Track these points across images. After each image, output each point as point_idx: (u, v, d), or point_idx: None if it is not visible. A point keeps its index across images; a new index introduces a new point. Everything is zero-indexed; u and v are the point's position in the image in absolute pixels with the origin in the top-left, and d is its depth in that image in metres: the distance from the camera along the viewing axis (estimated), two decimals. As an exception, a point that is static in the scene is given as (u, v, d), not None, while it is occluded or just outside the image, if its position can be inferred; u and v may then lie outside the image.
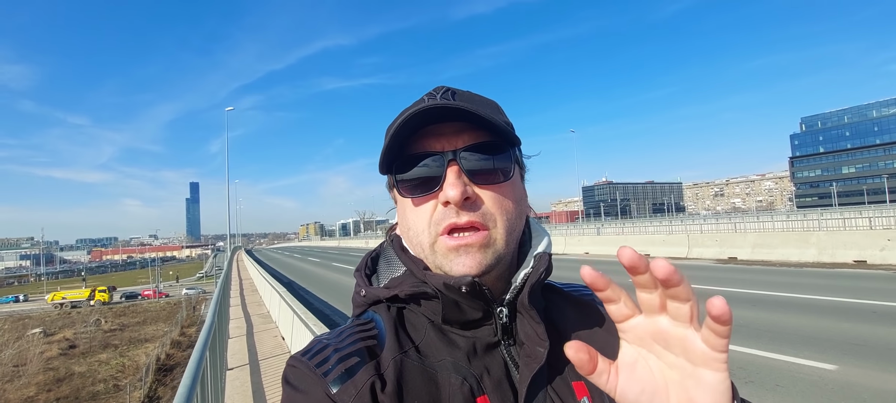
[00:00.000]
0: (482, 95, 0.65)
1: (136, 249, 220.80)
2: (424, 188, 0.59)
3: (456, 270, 0.56)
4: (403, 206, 0.62)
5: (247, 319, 11.23)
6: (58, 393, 23.72)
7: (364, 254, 0.73)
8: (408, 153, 0.60)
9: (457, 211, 0.56)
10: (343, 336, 0.58)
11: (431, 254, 0.58)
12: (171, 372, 22.53)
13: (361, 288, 0.67)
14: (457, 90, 0.61)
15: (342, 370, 0.53)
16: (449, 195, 0.55)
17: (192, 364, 2.70)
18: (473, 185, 0.57)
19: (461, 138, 0.59)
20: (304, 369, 0.54)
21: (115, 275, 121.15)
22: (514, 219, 0.60)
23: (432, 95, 0.60)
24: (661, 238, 19.70)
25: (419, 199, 0.59)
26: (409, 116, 0.56)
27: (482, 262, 0.56)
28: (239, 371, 6.77)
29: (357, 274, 0.70)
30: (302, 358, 0.55)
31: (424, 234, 0.58)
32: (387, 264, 0.68)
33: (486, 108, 0.60)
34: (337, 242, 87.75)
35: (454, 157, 0.57)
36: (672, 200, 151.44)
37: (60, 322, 44.15)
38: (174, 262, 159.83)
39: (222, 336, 7.30)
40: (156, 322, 40.11)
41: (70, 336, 36.14)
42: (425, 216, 0.58)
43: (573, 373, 0.59)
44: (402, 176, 0.60)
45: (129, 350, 30.90)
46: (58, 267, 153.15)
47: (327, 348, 0.56)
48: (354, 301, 0.68)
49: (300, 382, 0.53)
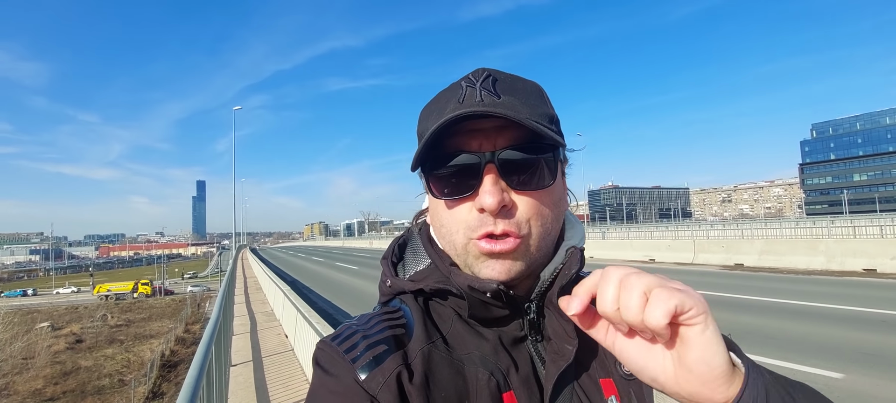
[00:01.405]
0: (525, 79, 0.60)
1: (143, 246, 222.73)
2: (458, 190, 0.55)
3: (485, 274, 0.54)
4: (436, 201, 0.59)
5: (251, 317, 11.29)
6: (64, 387, 23.95)
7: (388, 244, 0.70)
8: (441, 149, 0.55)
9: (493, 220, 0.53)
10: (372, 324, 0.57)
11: (463, 254, 0.56)
12: (175, 369, 22.68)
13: (387, 278, 0.65)
14: (498, 76, 0.57)
15: (370, 357, 0.52)
16: (485, 203, 0.52)
17: (198, 357, 2.72)
18: (511, 191, 0.54)
19: (501, 137, 0.55)
20: (334, 353, 0.54)
21: (121, 271, 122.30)
22: (550, 225, 0.57)
23: (471, 82, 0.56)
24: (667, 243, 19.53)
25: (453, 201, 0.56)
26: (444, 123, 0.52)
27: (512, 270, 0.54)
28: (242, 367, 6.80)
29: (383, 261, 0.68)
30: (331, 343, 0.55)
31: (457, 235, 0.56)
32: (413, 254, 0.66)
33: (530, 100, 0.57)
34: (341, 242, 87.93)
35: (492, 160, 0.54)
36: (679, 205, 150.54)
37: (68, 316, 44.59)
38: (180, 259, 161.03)
39: (227, 332, 7.35)
40: (161, 318, 40.40)
41: (77, 330, 36.51)
42: (459, 218, 0.56)
43: (601, 371, 0.58)
44: (435, 173, 0.56)
45: (134, 346, 31.15)
46: (66, 263, 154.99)
47: (356, 334, 0.55)
48: (380, 289, 0.66)
49: (331, 366, 0.53)
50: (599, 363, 0.59)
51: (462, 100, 0.54)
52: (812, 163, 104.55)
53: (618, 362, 0.58)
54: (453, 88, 0.57)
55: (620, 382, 0.57)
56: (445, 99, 0.57)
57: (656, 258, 18.95)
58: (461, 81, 0.57)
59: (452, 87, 0.58)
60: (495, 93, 0.55)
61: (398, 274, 0.65)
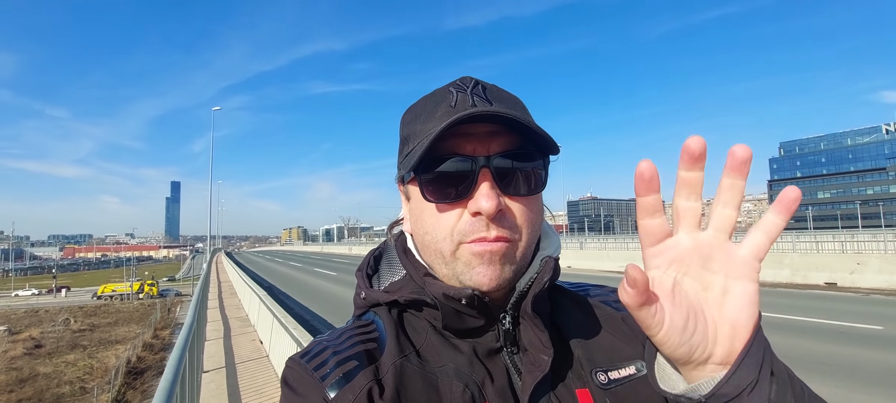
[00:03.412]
0: (508, 92, 0.60)
1: (112, 248, 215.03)
2: (451, 194, 0.53)
3: (475, 280, 0.53)
4: (421, 208, 0.57)
5: (224, 322, 11.04)
6: (20, 395, 22.78)
7: (365, 255, 0.69)
8: (434, 152, 0.53)
9: (487, 224, 0.52)
10: (342, 339, 0.56)
11: (452, 262, 0.54)
12: (142, 376, 21.90)
13: (362, 290, 0.64)
14: (486, 85, 0.57)
15: (340, 374, 0.51)
16: (482, 207, 0.51)
17: (173, 362, 2.69)
18: (505, 197, 0.53)
19: (494, 142, 0.54)
20: (302, 372, 0.52)
21: (87, 274, 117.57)
22: (536, 232, 0.57)
23: (461, 88, 0.56)
24: (641, 255, 20.02)
25: (444, 205, 0.54)
26: (453, 123, 0.50)
27: (501, 276, 0.53)
28: (215, 373, 6.66)
29: (358, 273, 0.66)
30: (300, 360, 0.54)
31: (445, 242, 0.54)
32: (388, 265, 0.65)
33: (517, 109, 0.57)
34: (320, 248, 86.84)
35: (487, 164, 0.53)
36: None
37: (27, 320, 42.52)
38: (151, 262, 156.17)
39: (200, 337, 7.18)
40: (128, 323, 38.92)
41: (36, 335, 34.82)
42: (448, 223, 0.54)
43: (577, 381, 0.58)
44: (426, 177, 0.54)
45: (98, 352, 29.90)
46: (27, 263, 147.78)
47: (326, 350, 0.54)
48: (355, 301, 0.65)
49: (298, 384, 0.52)
50: (575, 373, 0.58)
51: (455, 104, 0.54)
52: (780, 179, 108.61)
53: (594, 371, 0.58)
54: (442, 93, 0.57)
55: (596, 392, 0.57)
56: (434, 102, 0.57)
57: (631, 269, 19.37)
58: (449, 87, 0.57)
59: (441, 92, 0.58)
60: (487, 99, 0.55)
61: (373, 285, 0.64)
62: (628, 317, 0.63)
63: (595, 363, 0.59)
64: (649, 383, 0.44)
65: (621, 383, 0.58)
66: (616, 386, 0.57)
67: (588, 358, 0.59)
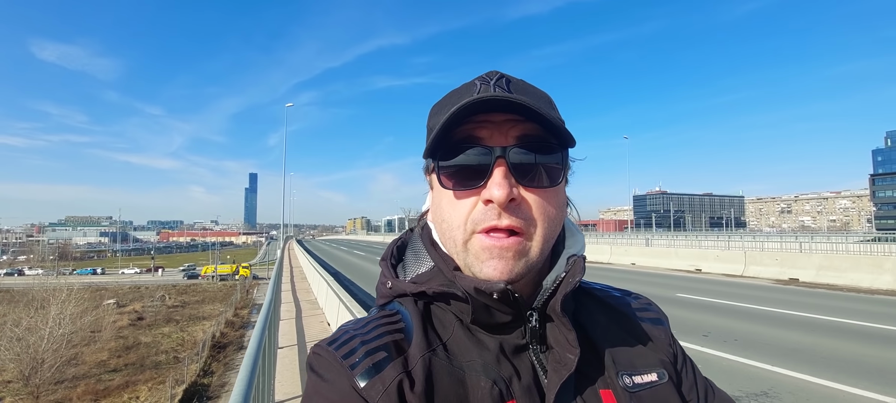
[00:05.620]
0: (535, 86, 0.60)
1: (199, 233, 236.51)
2: (467, 181, 0.55)
3: (485, 273, 0.53)
4: (440, 196, 0.59)
5: (296, 304, 11.88)
6: (126, 359, 26.01)
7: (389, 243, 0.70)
8: (453, 139, 0.55)
9: (498, 213, 0.53)
10: (369, 328, 0.56)
11: (463, 252, 0.56)
12: (224, 350, 24.02)
13: (387, 280, 0.64)
14: (511, 78, 0.58)
15: (369, 364, 0.51)
16: (494, 195, 0.52)
17: (255, 337, 3.02)
18: (520, 187, 0.54)
19: (512, 132, 0.55)
20: (330, 359, 0.53)
21: (179, 256, 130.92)
22: (553, 227, 0.57)
23: (485, 81, 0.57)
24: (715, 253, 18.67)
25: (460, 193, 0.55)
26: (464, 105, 0.52)
27: (513, 270, 0.53)
28: (288, 350, 7.26)
29: (383, 263, 0.67)
30: (328, 348, 0.54)
31: (459, 231, 0.55)
32: (414, 256, 0.65)
33: (541, 102, 0.56)
34: (382, 237, 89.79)
35: (503, 154, 0.54)
36: (732, 214, 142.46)
37: (131, 295, 48.33)
38: (232, 247, 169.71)
39: (275, 318, 7.84)
40: (213, 302, 42.90)
41: (139, 308, 39.51)
42: (463, 211, 0.55)
43: (603, 381, 0.58)
44: (445, 163, 0.56)
45: (188, 326, 33.32)
46: (131, 245, 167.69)
47: (354, 338, 0.55)
48: (379, 291, 0.65)
49: (326, 371, 0.53)
50: (600, 374, 0.58)
51: (477, 94, 0.55)
52: (885, 174, 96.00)
53: (620, 374, 0.58)
54: (467, 86, 0.58)
55: (621, 394, 0.57)
56: (459, 94, 0.58)
57: (703, 268, 18.18)
58: (474, 80, 0.58)
59: (466, 85, 0.58)
60: (509, 91, 0.55)
61: (398, 275, 0.64)
62: (652, 326, 0.67)
63: (620, 365, 0.59)
64: (670, 391, 0.45)
65: (644, 388, 0.58)
66: (640, 391, 0.58)
67: (613, 360, 0.60)
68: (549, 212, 0.55)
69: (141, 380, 22.59)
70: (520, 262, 0.53)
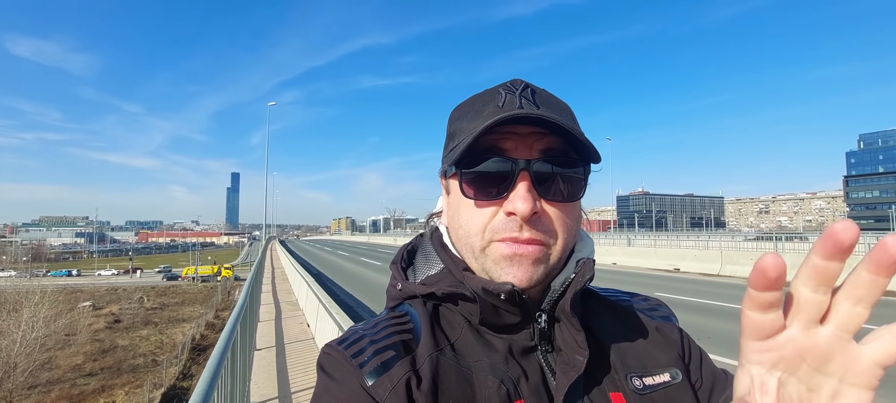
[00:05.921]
0: (558, 98, 0.61)
1: (179, 233, 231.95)
2: (488, 191, 0.55)
3: (505, 278, 0.54)
4: (458, 202, 0.59)
5: (276, 305, 11.75)
6: (102, 363, 25.44)
7: (399, 247, 0.71)
8: (477, 147, 0.55)
9: (520, 225, 0.53)
10: (378, 328, 0.58)
11: (481, 257, 0.56)
12: (204, 352, 23.67)
13: (397, 282, 0.65)
14: (535, 89, 0.58)
15: (378, 363, 0.52)
16: (517, 208, 0.52)
17: (224, 335, 2.99)
18: (541, 200, 0.55)
19: (537, 145, 0.55)
20: (340, 358, 0.54)
21: (158, 257, 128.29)
22: (571, 238, 0.58)
23: (511, 90, 0.57)
24: (693, 253, 19.07)
25: (482, 202, 0.56)
26: (495, 122, 0.52)
27: (533, 277, 0.54)
28: (266, 351, 7.17)
29: (393, 266, 0.68)
30: (338, 347, 0.55)
31: (477, 238, 0.56)
32: (424, 259, 0.66)
33: (565, 115, 0.57)
34: (367, 238, 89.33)
35: (527, 167, 0.54)
36: (712, 215, 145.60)
37: (108, 297, 47.21)
38: (213, 248, 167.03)
39: (253, 318, 7.75)
40: (193, 303, 42.21)
41: (116, 311, 38.62)
42: (482, 220, 0.56)
43: (610, 384, 0.58)
44: (468, 171, 0.56)
45: (167, 329, 32.73)
46: (108, 246, 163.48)
47: (363, 339, 0.56)
48: (389, 293, 0.67)
49: (335, 370, 0.53)
50: (609, 377, 0.58)
51: (502, 104, 0.55)
52: (858, 175, 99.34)
53: (629, 376, 0.58)
54: (491, 93, 0.59)
55: (631, 396, 0.57)
56: (483, 101, 0.58)
57: (682, 267, 18.54)
58: (499, 88, 0.58)
59: (490, 92, 0.59)
60: (535, 103, 0.55)
61: (408, 278, 0.65)
62: (662, 326, 0.67)
63: (629, 368, 0.59)
64: (683, 390, 0.46)
65: (656, 389, 0.58)
66: (651, 392, 0.58)
67: (622, 363, 0.60)
68: (568, 225, 0.56)
69: (118, 384, 22.14)
70: (539, 269, 0.54)
